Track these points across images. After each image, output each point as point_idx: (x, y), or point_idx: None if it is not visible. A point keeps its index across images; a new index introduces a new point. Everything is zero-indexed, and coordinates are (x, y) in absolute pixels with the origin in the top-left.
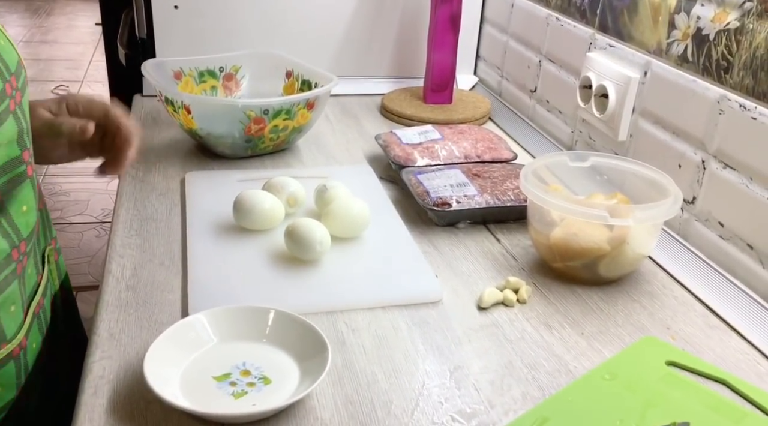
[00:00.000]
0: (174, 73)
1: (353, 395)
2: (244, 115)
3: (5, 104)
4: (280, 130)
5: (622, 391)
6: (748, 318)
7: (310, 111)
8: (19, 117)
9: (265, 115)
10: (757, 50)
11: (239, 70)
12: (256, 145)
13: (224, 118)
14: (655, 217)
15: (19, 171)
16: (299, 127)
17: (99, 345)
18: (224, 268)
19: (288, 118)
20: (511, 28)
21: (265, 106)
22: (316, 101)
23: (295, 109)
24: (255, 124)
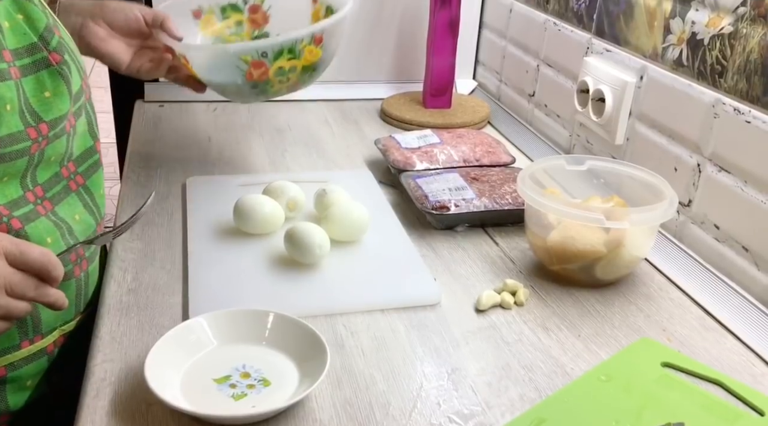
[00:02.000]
0: (192, 12)
1: (352, 397)
2: (241, 61)
3: (83, 98)
4: (288, 72)
5: (618, 393)
6: (743, 320)
7: (318, 46)
8: (89, 110)
9: (265, 58)
10: (750, 55)
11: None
12: (265, 90)
13: (221, 66)
14: (650, 220)
15: (94, 159)
16: (310, 65)
17: (101, 348)
18: (225, 271)
19: (293, 57)
20: (510, 33)
21: (262, 48)
22: (324, 35)
23: (299, 46)
24: (255, 69)
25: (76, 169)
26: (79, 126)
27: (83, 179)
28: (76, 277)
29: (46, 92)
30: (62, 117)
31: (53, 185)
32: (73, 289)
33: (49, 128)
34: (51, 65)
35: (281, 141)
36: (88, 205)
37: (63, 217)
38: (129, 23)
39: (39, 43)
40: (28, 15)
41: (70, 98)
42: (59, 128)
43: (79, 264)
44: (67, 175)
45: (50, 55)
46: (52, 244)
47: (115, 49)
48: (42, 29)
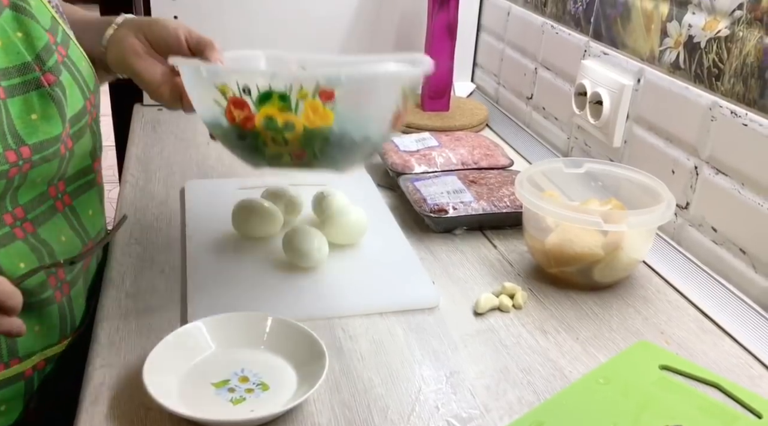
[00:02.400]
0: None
1: (350, 401)
2: (217, 91)
3: (84, 120)
4: (282, 129)
5: (616, 395)
6: (740, 322)
7: (327, 103)
8: (95, 131)
9: (247, 96)
10: (747, 58)
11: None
12: (257, 146)
13: (202, 94)
14: (648, 222)
15: (88, 179)
16: (316, 132)
17: (99, 353)
18: (223, 275)
19: (286, 107)
20: (508, 35)
21: (240, 77)
22: (337, 91)
23: (295, 94)
24: (236, 109)
25: (65, 189)
26: (78, 148)
27: (71, 199)
28: (57, 301)
29: (33, 114)
30: (51, 140)
31: (37, 206)
32: (55, 314)
33: (32, 152)
34: (42, 86)
35: None
36: (75, 226)
37: (45, 239)
38: (168, 42)
39: (33, 62)
40: (27, 32)
41: (62, 121)
42: (49, 152)
43: (60, 288)
44: (54, 195)
45: (43, 75)
46: (26, 268)
47: (147, 67)
48: (40, 48)
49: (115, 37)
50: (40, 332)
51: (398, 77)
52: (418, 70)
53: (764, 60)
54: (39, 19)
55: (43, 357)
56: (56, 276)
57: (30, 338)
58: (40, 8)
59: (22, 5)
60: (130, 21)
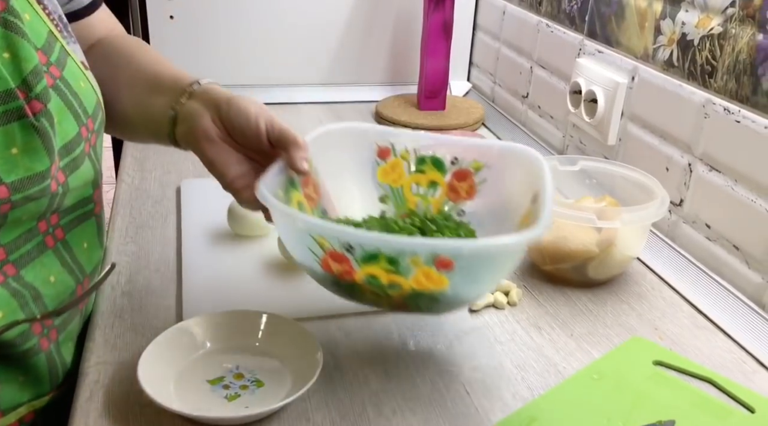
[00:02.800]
0: (379, 148)
1: (344, 397)
2: (314, 242)
3: (81, 148)
4: (387, 287)
5: (610, 391)
6: (734, 318)
7: (444, 272)
8: (93, 160)
9: (349, 253)
10: (739, 55)
11: (482, 169)
12: (352, 294)
13: (295, 238)
14: (641, 219)
15: (86, 209)
16: (426, 293)
17: (94, 350)
18: (218, 274)
19: (395, 271)
20: (503, 34)
21: (344, 238)
22: (456, 261)
23: (406, 261)
24: (335, 262)
25: (58, 222)
26: (75, 180)
27: (64, 233)
28: (44, 350)
29: (13, 148)
30: (34, 177)
31: (21, 244)
32: (42, 364)
33: (11, 191)
34: (25, 117)
35: None
36: (67, 263)
37: (30, 282)
38: (246, 133)
39: (17, 89)
40: (15, 53)
41: (48, 155)
42: (34, 190)
43: (47, 335)
44: (44, 230)
45: (28, 104)
46: (5, 317)
47: (221, 156)
48: (27, 72)
49: (186, 111)
50: (26, 383)
51: (524, 243)
52: (542, 230)
53: (757, 57)
54: (32, 36)
55: (32, 408)
56: (42, 323)
57: (14, 390)
58: (36, 23)
59: (12, 21)
60: (206, 94)
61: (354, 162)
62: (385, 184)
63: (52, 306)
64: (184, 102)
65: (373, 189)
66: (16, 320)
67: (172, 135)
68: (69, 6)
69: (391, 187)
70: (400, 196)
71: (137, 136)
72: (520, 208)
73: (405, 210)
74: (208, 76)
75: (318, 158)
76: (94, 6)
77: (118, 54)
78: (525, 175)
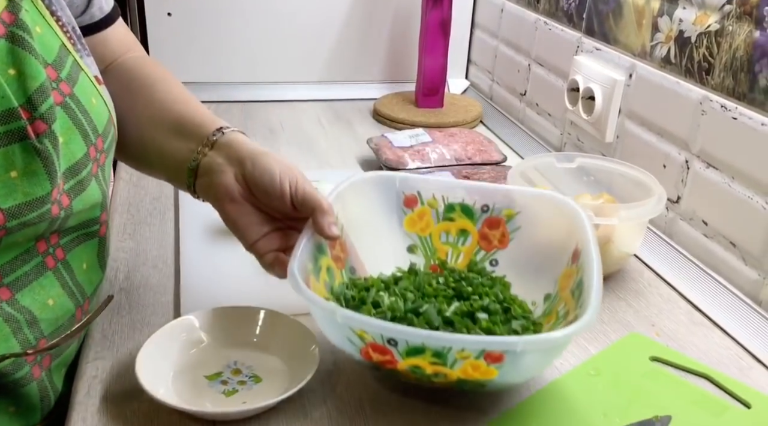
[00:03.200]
0: (405, 197)
1: (342, 393)
2: (354, 334)
3: (87, 169)
4: (430, 376)
5: (606, 386)
6: (730, 314)
7: (494, 365)
8: (101, 181)
9: (393, 347)
10: (736, 52)
11: (514, 216)
12: (393, 376)
13: (328, 325)
14: (638, 216)
15: (90, 230)
16: (471, 381)
17: (92, 346)
18: (216, 270)
19: (441, 362)
20: (501, 32)
21: (387, 334)
22: (507, 356)
23: (454, 354)
24: (376, 353)
25: (58, 242)
26: (80, 203)
27: (64, 253)
28: (36, 378)
29: (12, 171)
30: (33, 202)
31: (18, 266)
32: (34, 393)
33: (6, 217)
34: (27, 138)
35: (274, 141)
36: (68, 285)
37: (26, 306)
38: (269, 193)
39: (20, 108)
40: (21, 70)
41: (49, 179)
42: (32, 216)
43: (39, 362)
44: (44, 250)
45: (31, 124)
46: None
47: (243, 218)
48: (33, 90)
49: (209, 163)
50: (17, 413)
51: (577, 334)
52: (593, 316)
53: (753, 54)
54: (41, 50)
55: None
56: (36, 348)
57: (4, 421)
58: (48, 36)
59: (21, 36)
60: (230, 147)
61: (380, 213)
62: (413, 234)
63: (49, 331)
64: (206, 153)
65: (401, 239)
66: (3, 355)
67: (192, 186)
68: (82, 19)
69: (420, 236)
70: (429, 245)
71: (150, 172)
72: (559, 260)
73: (435, 260)
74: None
75: (343, 213)
76: (109, 20)
77: (139, 83)
78: (562, 224)
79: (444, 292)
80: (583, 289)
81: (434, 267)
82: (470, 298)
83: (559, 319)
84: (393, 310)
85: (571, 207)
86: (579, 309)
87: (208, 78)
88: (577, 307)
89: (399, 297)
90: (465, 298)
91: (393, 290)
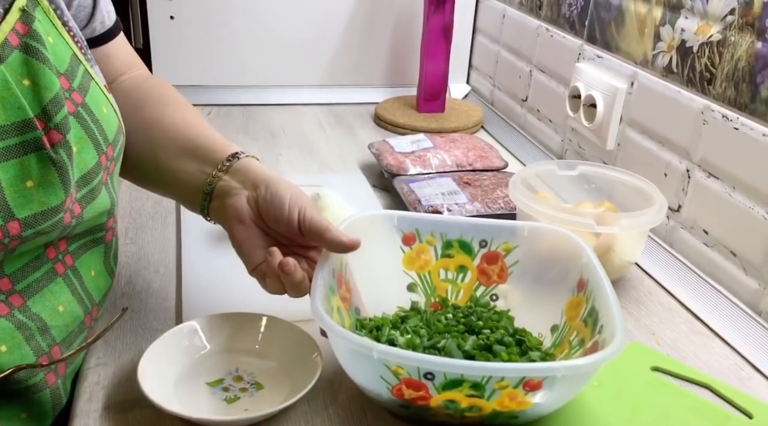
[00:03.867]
0: (403, 236)
1: (344, 401)
2: (388, 371)
3: (99, 177)
4: (463, 410)
5: (610, 398)
6: (731, 324)
7: (530, 393)
8: (110, 188)
9: (429, 381)
10: (738, 62)
11: (512, 250)
12: (419, 414)
13: (358, 363)
14: (639, 225)
15: (96, 237)
16: (506, 413)
17: (94, 352)
18: (218, 275)
19: (479, 395)
20: (503, 38)
21: (425, 368)
22: (546, 382)
23: (493, 384)
24: (409, 389)
25: (66, 248)
26: (90, 211)
27: (73, 260)
28: (50, 386)
29: (28, 182)
30: (48, 212)
31: (30, 273)
32: (47, 400)
33: (23, 227)
34: (43, 148)
35: (275, 144)
36: (77, 291)
37: (37, 313)
38: (278, 219)
39: (35, 119)
40: (35, 81)
41: (64, 189)
42: (46, 225)
43: (55, 370)
44: (53, 257)
45: (47, 134)
46: (9, 352)
47: (249, 240)
48: (47, 100)
49: (223, 187)
50: (28, 419)
51: (609, 359)
52: (622, 337)
53: (755, 65)
54: (54, 60)
55: None
56: (49, 355)
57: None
58: (60, 45)
59: (35, 47)
60: (246, 172)
61: (380, 252)
62: (411, 272)
63: (60, 337)
64: (222, 177)
65: (401, 278)
66: (18, 366)
67: (205, 209)
68: (84, 33)
69: (419, 274)
70: (429, 283)
71: (159, 192)
72: (562, 291)
73: (435, 297)
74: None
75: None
76: (110, 35)
77: (150, 103)
78: (562, 255)
79: (456, 328)
80: (598, 315)
81: (435, 305)
82: (482, 332)
83: (573, 348)
84: (411, 347)
85: (570, 238)
86: (598, 335)
87: (210, 81)
88: (594, 334)
89: (413, 335)
90: (476, 333)
91: (405, 328)
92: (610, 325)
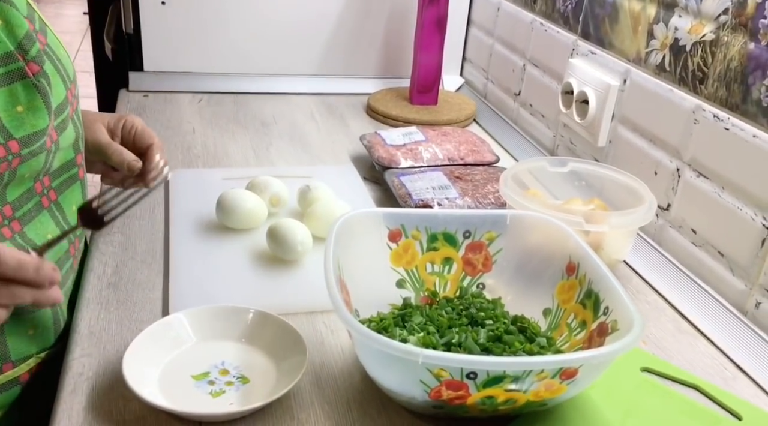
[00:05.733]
0: (389, 232)
1: (330, 395)
2: (429, 374)
3: (67, 112)
4: (499, 404)
5: (601, 400)
6: (716, 324)
7: (566, 382)
8: (76, 123)
9: (471, 380)
10: (730, 63)
11: (495, 239)
12: (451, 412)
13: (395, 368)
14: (629, 223)
15: (72, 173)
16: (538, 402)
17: (79, 342)
18: (206, 267)
19: (518, 388)
20: (497, 31)
21: (470, 367)
22: (582, 370)
23: (532, 377)
24: (448, 390)
25: (50, 184)
26: (63, 140)
27: (56, 194)
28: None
29: (18, 106)
30: (38, 133)
31: (24, 203)
32: (48, 318)
33: (20, 146)
34: (27, 77)
35: (266, 134)
36: (60, 223)
37: (32, 239)
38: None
39: (15, 51)
40: (7, 21)
41: (48, 113)
42: (36, 145)
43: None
44: (40, 191)
45: (27, 65)
46: None
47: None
48: (21, 37)
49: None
50: (34, 336)
51: (634, 343)
52: (642, 321)
53: (748, 65)
54: (17, 5)
55: (39, 360)
56: None
57: (24, 342)
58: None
59: None
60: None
61: (368, 251)
62: (399, 268)
63: (52, 261)
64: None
65: (390, 275)
66: (63, 232)
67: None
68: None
69: (406, 269)
70: (416, 277)
71: None
72: (549, 275)
73: (424, 291)
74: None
75: (341, 254)
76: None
77: None
78: (546, 241)
79: (459, 321)
80: (599, 297)
81: (425, 299)
82: (484, 323)
83: (573, 330)
84: (427, 346)
85: (554, 223)
86: (604, 316)
87: (201, 68)
88: (597, 315)
89: (423, 332)
90: (478, 324)
91: (411, 327)
92: (621, 308)
